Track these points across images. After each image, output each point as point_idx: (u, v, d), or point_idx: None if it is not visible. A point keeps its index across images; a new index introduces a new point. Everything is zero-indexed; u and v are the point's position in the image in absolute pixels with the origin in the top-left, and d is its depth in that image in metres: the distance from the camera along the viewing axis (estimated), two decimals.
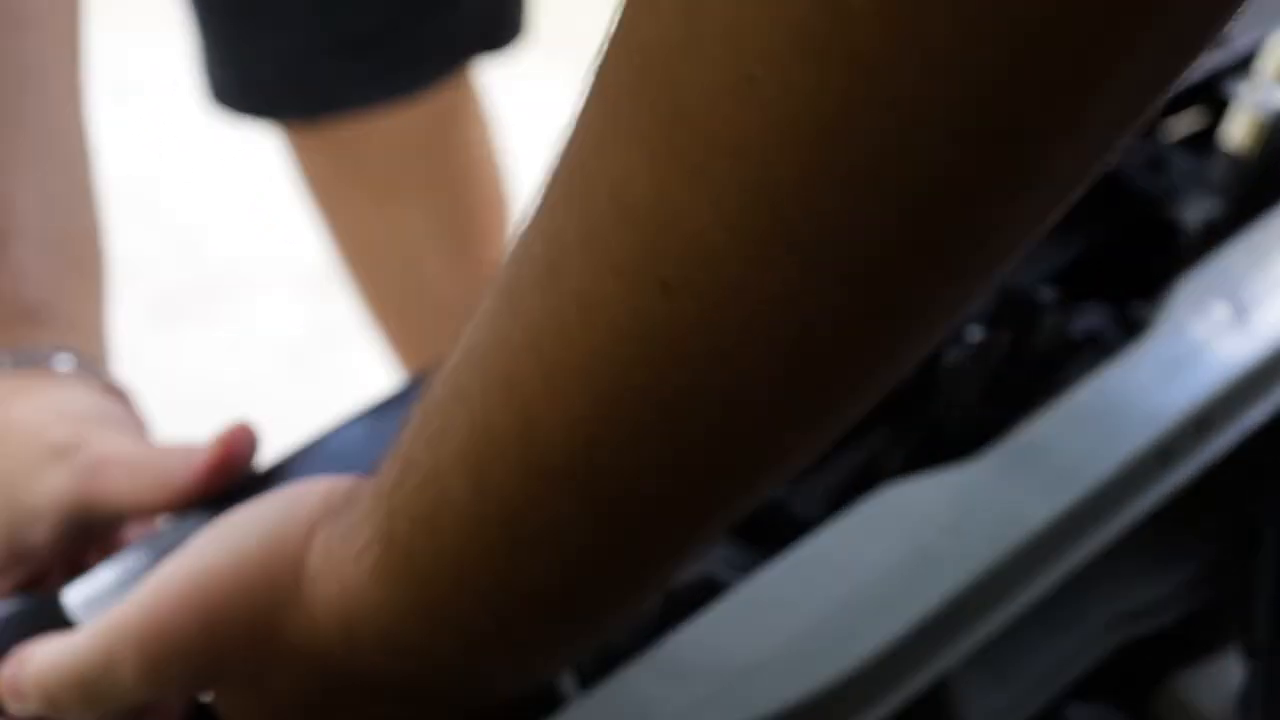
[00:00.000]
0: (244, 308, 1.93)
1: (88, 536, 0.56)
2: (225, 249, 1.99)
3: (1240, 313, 0.60)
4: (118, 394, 0.63)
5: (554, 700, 0.53)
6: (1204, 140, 0.77)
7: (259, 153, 2.06)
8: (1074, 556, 0.55)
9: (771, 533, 0.61)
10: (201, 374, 1.83)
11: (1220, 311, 0.60)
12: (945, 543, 0.52)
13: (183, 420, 0.63)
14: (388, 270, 1.34)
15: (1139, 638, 0.66)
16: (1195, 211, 0.70)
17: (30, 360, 0.59)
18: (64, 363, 0.60)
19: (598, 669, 0.56)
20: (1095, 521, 0.56)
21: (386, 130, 1.17)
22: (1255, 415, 0.60)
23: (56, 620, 0.52)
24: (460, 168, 1.29)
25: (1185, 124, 0.77)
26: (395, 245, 1.30)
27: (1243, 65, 0.72)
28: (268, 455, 0.56)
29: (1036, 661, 0.64)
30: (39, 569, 0.56)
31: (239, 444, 0.55)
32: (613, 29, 0.32)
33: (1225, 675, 0.66)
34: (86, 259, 0.66)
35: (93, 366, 0.62)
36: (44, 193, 0.65)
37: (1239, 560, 0.67)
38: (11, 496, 0.55)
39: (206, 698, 0.52)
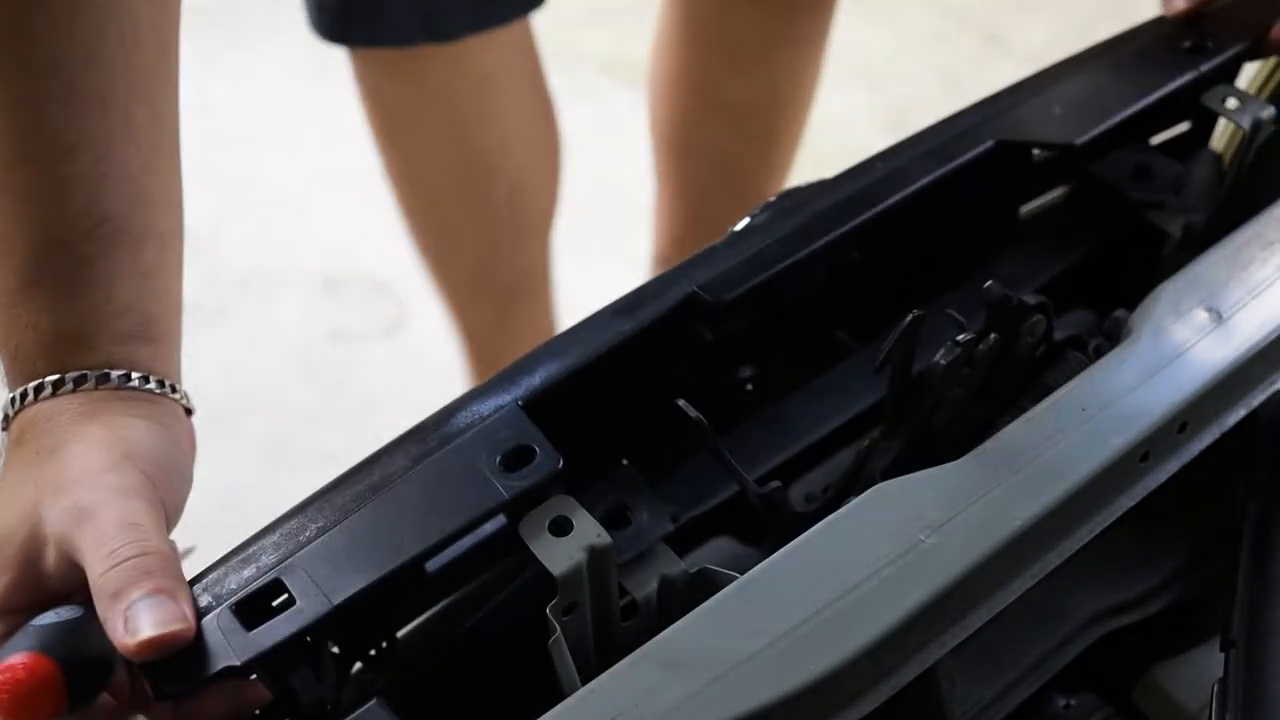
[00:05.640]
0: (259, 311, 1.93)
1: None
2: (242, 254, 1.99)
3: (1219, 317, 0.61)
4: (183, 419, 0.62)
5: (554, 690, 0.54)
6: (1188, 151, 0.79)
7: (272, 157, 2.07)
8: (1059, 552, 0.56)
9: (766, 529, 0.62)
10: (218, 375, 1.83)
11: (1200, 316, 0.61)
12: (935, 539, 0.53)
13: (200, 419, 0.63)
14: (462, 202, 1.35)
15: (1121, 630, 0.67)
16: (1178, 219, 0.71)
17: (125, 381, 0.60)
18: (150, 386, 0.61)
19: (598, 659, 0.57)
20: (1079, 518, 0.57)
21: (475, 60, 1.19)
22: (1232, 416, 0.61)
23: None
24: (529, 93, 1.31)
25: (1170, 136, 0.79)
26: (472, 176, 1.31)
27: (1224, 79, 0.73)
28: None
29: (1023, 654, 0.65)
30: (52, 594, 0.56)
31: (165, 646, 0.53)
32: None
33: (1203, 666, 0.67)
34: (179, 264, 0.65)
35: (171, 391, 0.62)
36: (171, 196, 0.64)
37: (1216, 556, 0.69)
38: (34, 518, 0.56)
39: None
